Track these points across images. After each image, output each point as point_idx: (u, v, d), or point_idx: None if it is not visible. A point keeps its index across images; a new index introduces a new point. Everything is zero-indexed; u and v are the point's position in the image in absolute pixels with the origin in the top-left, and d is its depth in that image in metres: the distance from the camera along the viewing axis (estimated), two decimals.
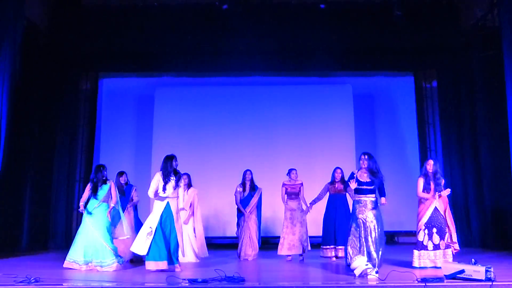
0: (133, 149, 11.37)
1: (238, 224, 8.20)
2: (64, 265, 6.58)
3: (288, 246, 7.83)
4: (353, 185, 6.29)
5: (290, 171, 8.18)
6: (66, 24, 10.41)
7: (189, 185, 8.10)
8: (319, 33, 10.58)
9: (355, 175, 6.38)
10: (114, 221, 7.56)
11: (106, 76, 11.68)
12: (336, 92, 11.42)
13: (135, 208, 7.91)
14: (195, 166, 9.75)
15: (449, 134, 10.64)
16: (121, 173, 7.90)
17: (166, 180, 6.47)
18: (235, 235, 8.37)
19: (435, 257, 6.38)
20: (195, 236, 8.03)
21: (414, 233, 10.78)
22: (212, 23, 10.52)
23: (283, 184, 8.12)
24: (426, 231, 6.47)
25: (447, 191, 6.56)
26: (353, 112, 11.21)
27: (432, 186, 6.57)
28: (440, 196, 6.55)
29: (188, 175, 8.11)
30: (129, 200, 7.73)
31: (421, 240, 6.46)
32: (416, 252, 6.47)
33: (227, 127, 11.11)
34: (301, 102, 11.27)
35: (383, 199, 6.43)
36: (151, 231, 6.31)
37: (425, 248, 6.43)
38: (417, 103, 11.50)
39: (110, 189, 6.80)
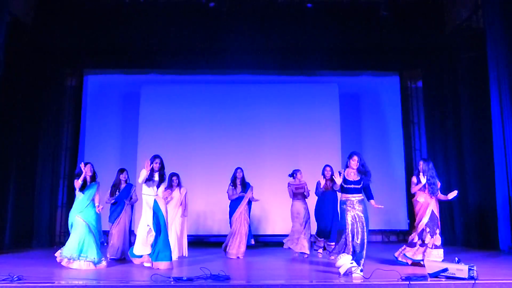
0: (118, 147, 11.30)
1: (230, 222, 8.16)
2: (58, 260, 6.48)
3: (299, 244, 7.99)
4: (338, 180, 6.22)
5: (295, 172, 8.34)
6: (51, 20, 10.29)
7: (179, 185, 8.11)
8: (306, 32, 10.63)
9: (342, 174, 6.34)
10: (113, 216, 7.59)
11: (91, 73, 11.61)
12: (322, 91, 11.46)
13: (132, 208, 7.88)
14: (181, 165, 9.72)
15: (434, 133, 10.77)
16: (122, 170, 7.92)
17: (149, 178, 6.53)
18: (225, 233, 8.36)
19: (438, 255, 6.45)
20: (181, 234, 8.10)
21: (398, 232, 11.03)
22: (199, 21, 10.50)
23: (289, 184, 8.30)
24: (428, 229, 6.56)
25: (454, 193, 6.68)
26: (339, 111, 11.26)
27: (427, 186, 6.66)
28: (440, 198, 6.69)
29: (178, 175, 8.12)
30: (128, 198, 7.72)
31: (425, 239, 6.55)
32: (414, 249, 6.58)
33: (214, 125, 11.10)
34: (287, 100, 11.29)
35: (372, 202, 6.44)
36: (150, 229, 6.46)
37: (425, 245, 6.53)
38: (403, 102, 11.66)
39: (97, 189, 6.80)
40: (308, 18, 10.52)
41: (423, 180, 6.64)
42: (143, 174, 6.47)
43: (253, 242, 8.32)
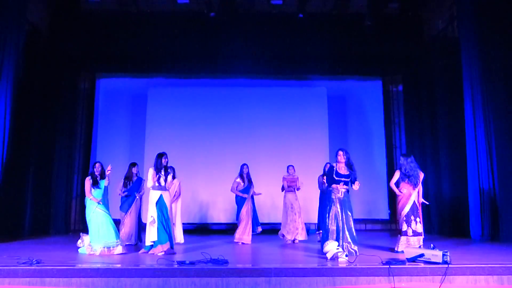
0: (127, 145, 11.29)
1: (238, 212, 8.22)
2: (98, 253, 6.39)
3: (291, 231, 8.11)
4: (339, 187, 6.26)
5: (288, 167, 8.46)
6: (66, 28, 10.32)
7: (173, 177, 8.11)
8: (298, 40, 10.70)
9: (334, 168, 6.36)
10: (125, 207, 7.61)
11: (103, 77, 11.60)
12: (312, 93, 11.50)
13: (141, 199, 7.91)
14: (185, 160, 9.79)
15: (412, 132, 10.83)
16: (133, 164, 7.95)
17: (158, 175, 6.56)
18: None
19: (418, 242, 6.43)
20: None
21: (380, 221, 11.08)
22: (201, 29, 10.55)
23: (284, 178, 8.40)
24: (407, 218, 6.55)
25: (421, 174, 6.64)
26: (327, 112, 11.31)
27: (406, 179, 6.68)
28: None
29: (173, 168, 8.12)
30: (139, 190, 7.77)
31: (403, 228, 6.54)
32: (401, 238, 6.55)
33: (214, 124, 11.12)
34: (281, 102, 11.32)
35: (356, 184, 6.32)
36: (153, 219, 6.42)
37: (405, 234, 6.51)
38: (385, 104, 11.71)
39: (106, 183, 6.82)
40: (300, 28, 10.59)
41: (395, 177, 6.68)
42: (150, 184, 6.53)
43: (260, 230, 8.40)
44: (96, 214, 6.56)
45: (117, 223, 7.75)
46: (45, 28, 10.21)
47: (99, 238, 6.44)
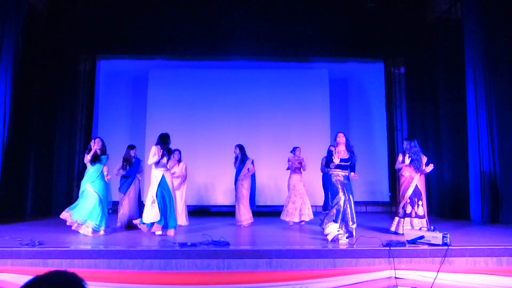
0: (128, 126, 11.27)
1: (235, 187, 8.22)
2: (69, 223, 6.57)
3: (291, 213, 8.15)
4: (336, 160, 6.30)
5: (294, 148, 8.48)
6: (66, 9, 10.21)
7: (179, 160, 8.16)
8: (299, 21, 10.62)
9: (334, 152, 6.39)
10: (124, 188, 7.63)
11: (103, 58, 11.50)
12: (314, 76, 11.43)
13: (139, 180, 7.94)
14: (185, 142, 9.76)
15: (414, 115, 10.80)
16: (132, 147, 7.94)
17: (161, 155, 6.56)
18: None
19: (420, 224, 6.44)
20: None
21: (381, 203, 11.11)
22: (202, 11, 10.47)
23: (289, 160, 8.43)
24: (409, 201, 6.58)
25: (430, 167, 6.63)
26: (328, 94, 11.27)
27: (409, 161, 6.68)
28: (423, 172, 6.66)
29: (179, 151, 8.16)
30: (137, 172, 7.76)
31: (406, 210, 6.56)
32: (400, 220, 6.58)
33: (215, 106, 11.08)
34: (282, 84, 11.27)
35: (352, 174, 6.48)
36: (154, 200, 6.47)
37: (409, 216, 6.55)
38: (386, 87, 11.64)
39: (106, 161, 6.84)
40: (302, 9, 10.49)
41: (407, 160, 6.67)
42: (155, 158, 6.52)
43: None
44: (87, 192, 6.64)
45: (115, 204, 7.82)
46: (45, 9, 10.10)
47: (78, 213, 6.53)
